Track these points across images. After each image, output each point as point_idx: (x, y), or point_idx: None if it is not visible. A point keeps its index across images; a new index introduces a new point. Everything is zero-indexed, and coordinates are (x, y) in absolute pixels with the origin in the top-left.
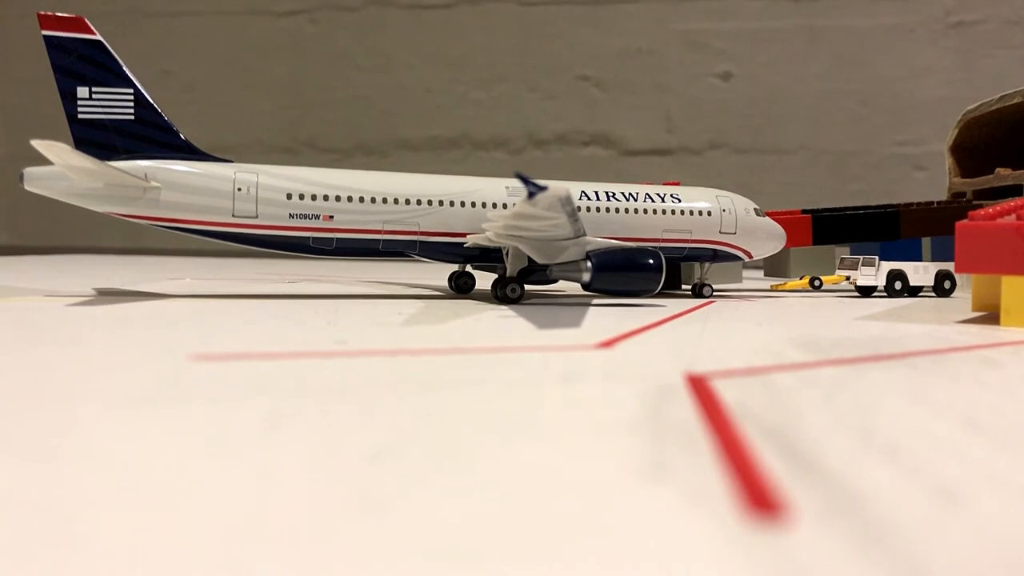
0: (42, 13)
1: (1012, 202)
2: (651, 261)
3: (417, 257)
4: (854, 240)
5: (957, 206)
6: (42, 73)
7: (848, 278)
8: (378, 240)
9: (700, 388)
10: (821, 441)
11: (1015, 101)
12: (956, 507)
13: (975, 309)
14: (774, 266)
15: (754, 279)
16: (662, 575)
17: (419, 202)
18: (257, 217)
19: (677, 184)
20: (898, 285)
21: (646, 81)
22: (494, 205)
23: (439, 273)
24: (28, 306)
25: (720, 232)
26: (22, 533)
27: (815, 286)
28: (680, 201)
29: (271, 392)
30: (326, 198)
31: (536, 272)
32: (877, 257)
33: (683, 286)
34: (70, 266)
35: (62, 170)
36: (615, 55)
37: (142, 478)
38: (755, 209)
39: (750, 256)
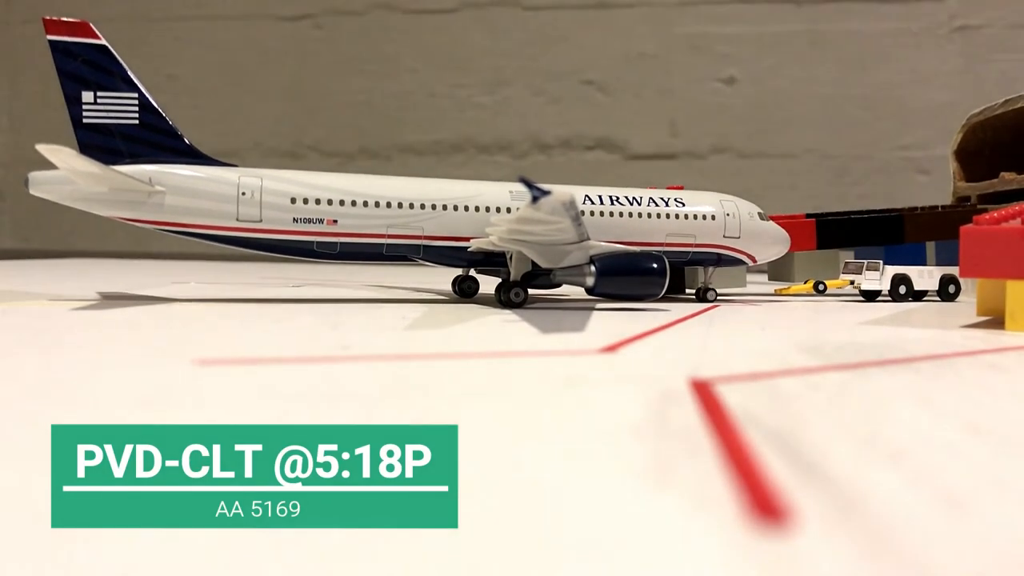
0: (47, 18)
1: (1017, 206)
2: (655, 265)
3: (421, 261)
4: (858, 244)
5: (962, 210)
6: (47, 78)
7: (852, 282)
8: (382, 244)
9: (704, 393)
10: (825, 446)
11: (1019, 105)
12: (961, 512)
13: (980, 314)
14: (778, 270)
15: (758, 283)
16: None
17: (423, 206)
18: (261, 221)
19: (681, 188)
20: (902, 289)
21: (650, 85)
22: (498, 209)
23: (443, 277)
24: (32, 311)
25: (724, 236)
26: (23, 536)
27: (819, 290)
28: (684, 205)
29: (276, 397)
30: (330, 202)
31: (540, 276)
32: (881, 261)
33: (687, 290)
34: (74, 270)
35: (67, 174)
36: (619, 59)
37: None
38: (759, 213)
39: (754, 260)
